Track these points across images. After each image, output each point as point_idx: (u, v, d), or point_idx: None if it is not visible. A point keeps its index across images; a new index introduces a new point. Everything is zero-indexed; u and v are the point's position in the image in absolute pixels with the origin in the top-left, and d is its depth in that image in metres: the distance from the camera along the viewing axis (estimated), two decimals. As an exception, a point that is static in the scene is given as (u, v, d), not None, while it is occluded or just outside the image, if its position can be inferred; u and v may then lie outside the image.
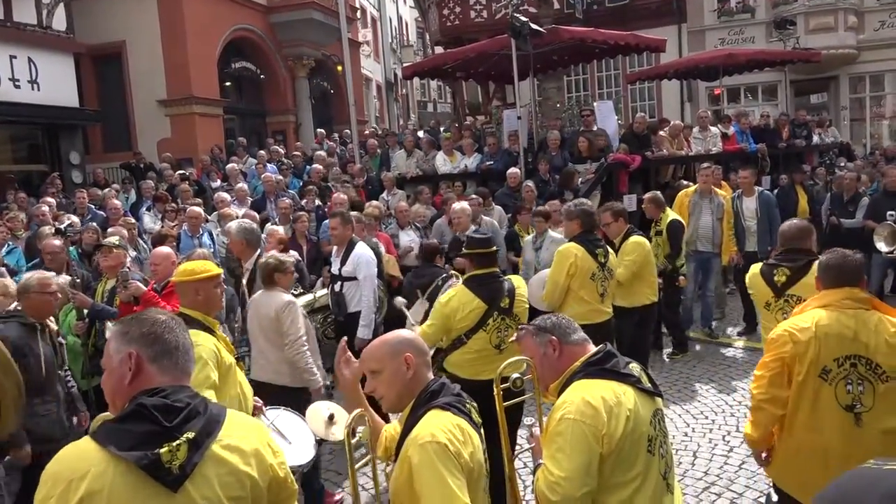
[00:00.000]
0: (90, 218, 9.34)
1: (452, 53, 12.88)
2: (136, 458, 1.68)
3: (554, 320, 2.65)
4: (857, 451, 2.75)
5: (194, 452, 1.74)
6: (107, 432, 1.74)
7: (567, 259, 5.09)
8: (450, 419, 2.15)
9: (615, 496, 2.34)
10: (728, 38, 20.77)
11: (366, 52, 27.33)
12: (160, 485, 1.69)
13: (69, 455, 1.73)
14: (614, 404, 2.34)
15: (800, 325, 2.96)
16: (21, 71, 13.13)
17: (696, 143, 11.29)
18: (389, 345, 2.32)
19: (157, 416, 1.73)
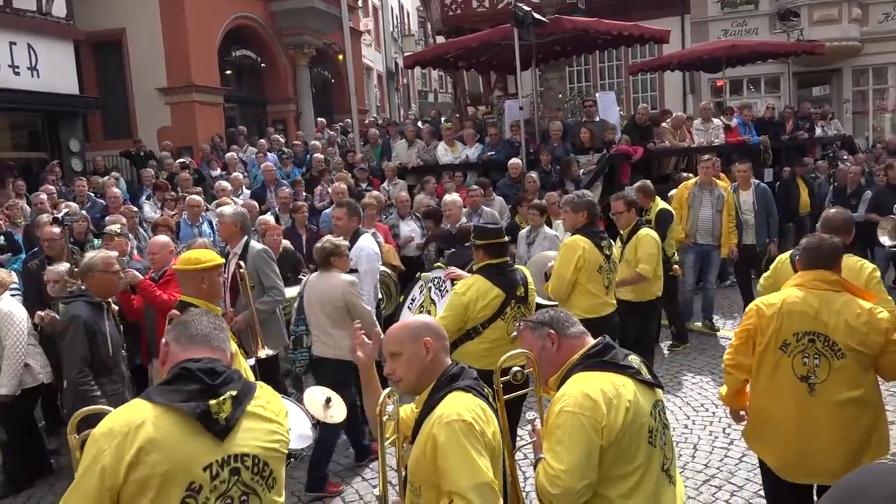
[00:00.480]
0: (90, 206, 9.31)
1: (454, 43, 12.80)
2: (190, 408, 1.87)
3: (552, 314, 2.65)
4: (810, 418, 3.08)
5: (237, 408, 1.95)
6: (158, 392, 1.93)
7: (574, 252, 4.95)
8: (472, 400, 2.24)
9: (616, 488, 2.33)
10: (731, 30, 20.67)
11: (367, 41, 27.20)
12: (209, 435, 1.88)
13: (120, 414, 1.91)
14: (613, 396, 2.33)
15: (769, 302, 3.22)
16: (21, 57, 13.06)
17: (699, 134, 11.24)
18: (409, 329, 2.42)
19: (201, 377, 1.93)
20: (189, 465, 1.84)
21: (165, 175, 11.39)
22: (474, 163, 10.73)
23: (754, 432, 3.38)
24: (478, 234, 4.32)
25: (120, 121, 16.37)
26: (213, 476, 1.87)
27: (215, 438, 1.88)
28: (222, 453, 1.89)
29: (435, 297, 5.07)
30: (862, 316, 3.03)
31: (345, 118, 16.42)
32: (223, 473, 1.88)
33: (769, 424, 3.24)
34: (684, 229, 8.09)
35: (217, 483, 1.87)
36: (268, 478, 1.98)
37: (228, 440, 1.91)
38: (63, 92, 14.02)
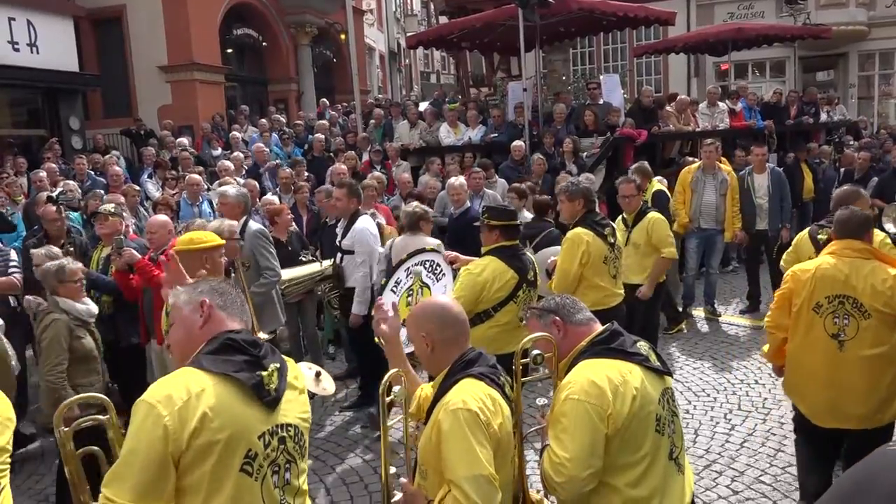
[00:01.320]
0: (90, 184, 9.26)
1: (457, 23, 12.67)
2: (247, 377, 1.93)
3: (558, 300, 2.62)
4: (839, 370, 3.46)
5: (282, 379, 2.02)
6: (210, 361, 1.94)
7: (578, 247, 4.78)
8: (483, 388, 2.20)
9: (623, 477, 2.31)
10: (737, 13, 20.48)
11: (369, 21, 26.96)
12: (260, 405, 1.93)
13: (174, 380, 1.89)
14: (620, 383, 2.30)
15: (804, 268, 3.61)
16: (20, 33, 12.94)
17: (704, 118, 11.16)
18: (415, 317, 2.42)
19: (248, 349, 1.98)
20: (247, 433, 1.89)
21: (168, 155, 11.30)
22: (477, 144, 10.65)
23: (790, 384, 3.78)
24: (493, 215, 4.23)
25: (120, 99, 16.26)
26: (266, 444, 1.92)
27: (266, 408, 1.94)
28: (271, 423, 1.95)
29: (428, 281, 4.95)
30: (887, 281, 3.36)
31: (347, 98, 16.30)
32: (273, 442, 1.94)
33: (803, 377, 3.63)
34: (687, 214, 8.04)
35: (269, 451, 1.93)
36: (303, 446, 2.06)
37: (276, 411, 1.97)
38: (63, 69, 13.92)
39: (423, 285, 4.85)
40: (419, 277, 4.82)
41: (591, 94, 11.13)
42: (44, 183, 8.54)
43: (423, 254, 5.00)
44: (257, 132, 12.83)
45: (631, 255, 5.85)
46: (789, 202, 8.34)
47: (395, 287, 4.87)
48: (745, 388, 5.96)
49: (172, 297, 2.14)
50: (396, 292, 4.82)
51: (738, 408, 5.58)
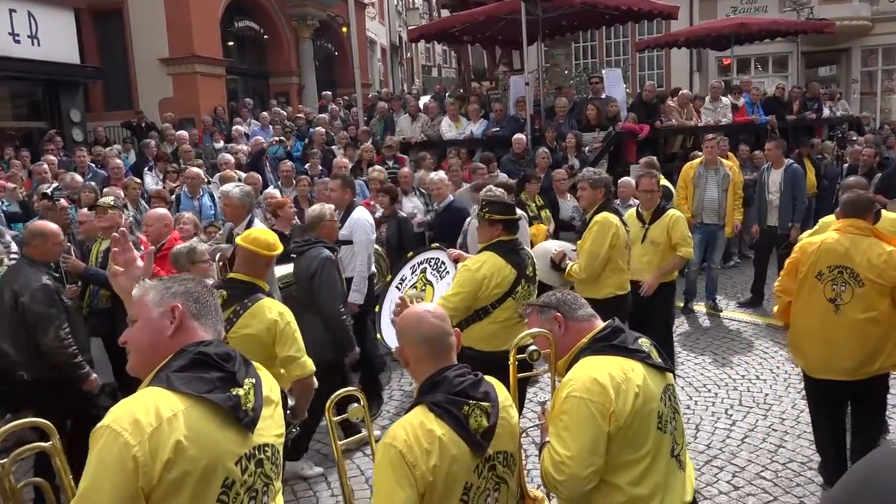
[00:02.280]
0: (91, 177, 9.24)
1: (459, 16, 12.62)
2: (222, 399, 1.74)
3: (559, 296, 2.59)
4: (834, 330, 3.95)
5: (259, 396, 1.85)
6: (178, 379, 1.74)
7: (609, 230, 4.88)
8: (425, 423, 2.02)
9: (624, 475, 2.29)
10: (740, 7, 20.43)
11: (371, 15, 26.90)
12: (237, 427, 1.76)
13: (141, 404, 1.67)
14: (622, 381, 2.27)
15: (811, 241, 4.13)
16: (21, 25, 12.90)
17: (706, 113, 11.14)
18: (397, 325, 2.32)
19: (221, 364, 1.80)
20: (224, 459, 1.71)
21: (170, 149, 11.25)
22: (479, 139, 10.62)
23: (793, 341, 4.28)
24: (494, 210, 4.10)
25: (121, 91, 16.23)
26: (244, 470, 1.76)
27: (244, 430, 1.77)
28: (249, 445, 1.78)
29: (432, 279, 4.93)
30: (882, 256, 3.83)
31: (349, 92, 16.27)
32: (251, 466, 1.78)
33: (803, 335, 4.14)
34: (690, 209, 8.03)
35: (247, 477, 1.76)
36: (278, 465, 1.90)
37: (254, 431, 1.81)
38: (64, 61, 13.87)
39: (426, 283, 4.85)
40: (424, 274, 4.82)
41: (593, 89, 11.09)
42: (46, 175, 8.52)
43: (429, 251, 5.03)
44: (259, 125, 12.80)
45: (648, 252, 5.76)
46: (804, 201, 8.22)
47: (399, 284, 4.89)
48: (746, 384, 5.96)
49: (138, 290, 1.91)
50: (401, 289, 4.83)
51: (740, 403, 5.58)
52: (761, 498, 4.22)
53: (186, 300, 1.88)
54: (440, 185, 7.17)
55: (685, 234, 5.85)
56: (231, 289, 3.48)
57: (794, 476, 4.44)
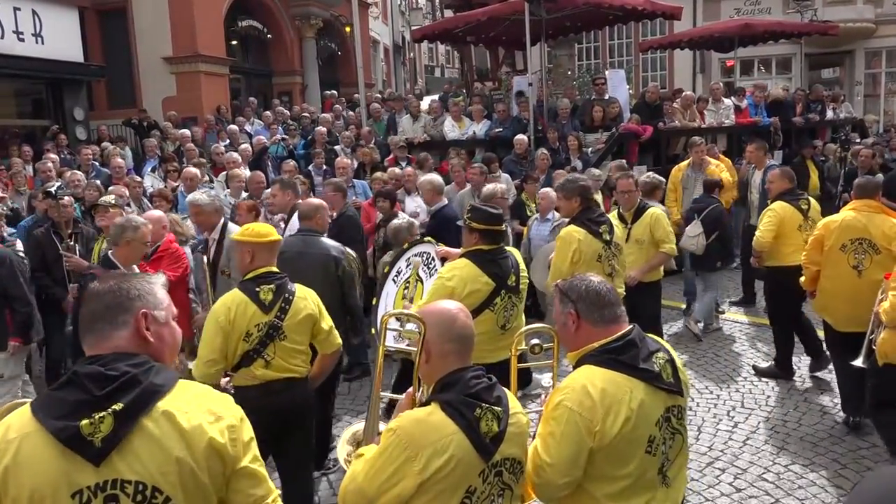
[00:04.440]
0: (94, 175, 9.25)
1: (463, 17, 12.65)
2: (57, 429, 1.63)
3: (583, 290, 2.39)
4: (857, 291, 4.79)
5: (121, 425, 1.65)
6: (43, 400, 1.71)
7: (570, 245, 4.74)
8: (435, 421, 2.02)
9: (602, 488, 2.27)
10: (744, 9, 20.41)
11: (374, 14, 26.90)
12: (82, 458, 1.64)
13: (6, 422, 1.70)
14: (614, 402, 2.22)
15: (833, 219, 5.06)
16: (25, 23, 12.91)
17: (709, 115, 11.13)
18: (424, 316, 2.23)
19: (87, 385, 1.66)
20: (57, 491, 1.62)
21: (173, 148, 11.24)
22: (482, 139, 10.62)
23: (821, 304, 5.18)
24: (477, 218, 3.93)
25: (124, 90, 16.23)
26: (83, 503, 1.64)
27: (90, 463, 1.64)
28: (98, 478, 1.64)
29: (423, 275, 4.84)
30: (893, 227, 4.79)
31: (353, 92, 16.27)
32: (95, 501, 1.64)
33: (832, 298, 5.05)
34: (679, 211, 8.09)
35: None
36: None
37: (108, 463, 1.64)
38: (67, 59, 13.89)
39: (417, 279, 4.77)
40: (416, 270, 4.77)
41: (596, 90, 11.09)
42: (50, 173, 8.53)
43: (423, 244, 4.94)
44: (262, 124, 12.81)
45: (633, 251, 5.76)
46: None
47: (396, 277, 4.81)
48: (747, 386, 5.95)
49: None
50: (397, 282, 4.76)
51: (741, 405, 5.58)
52: (763, 500, 4.21)
53: (83, 312, 1.82)
54: (429, 188, 6.90)
55: (668, 230, 5.87)
56: (273, 282, 3.52)
57: (796, 478, 4.44)
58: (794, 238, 5.78)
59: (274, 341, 3.47)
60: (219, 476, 1.77)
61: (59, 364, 5.91)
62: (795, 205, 5.91)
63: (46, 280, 5.65)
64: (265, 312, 3.45)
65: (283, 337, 3.48)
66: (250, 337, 3.43)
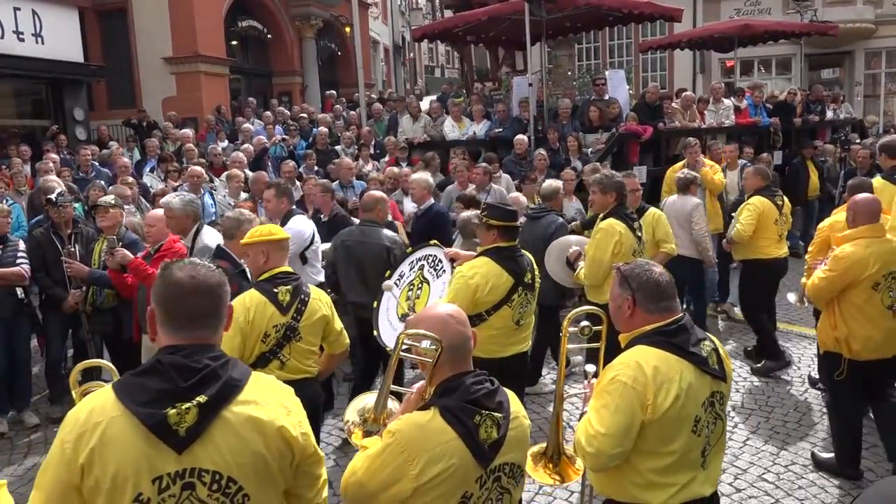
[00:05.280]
0: (94, 175, 9.26)
1: (463, 17, 12.64)
2: (145, 415, 1.70)
3: (644, 279, 2.50)
4: None
5: (205, 416, 1.73)
6: (127, 385, 1.77)
7: (612, 237, 4.77)
8: (433, 426, 2.00)
9: (648, 463, 2.40)
10: (744, 9, 20.42)
11: (374, 15, 26.91)
12: (165, 445, 1.71)
13: (90, 403, 1.77)
14: (666, 380, 2.36)
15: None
16: (25, 23, 12.91)
17: (709, 115, 11.13)
18: (415, 323, 2.20)
19: (172, 375, 1.73)
20: (139, 474, 1.69)
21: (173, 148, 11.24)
22: (482, 139, 10.62)
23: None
24: (494, 215, 4.01)
25: (124, 90, 16.24)
26: (162, 489, 1.70)
27: (173, 450, 1.71)
28: (178, 466, 1.71)
29: (429, 276, 4.85)
30: None
31: (353, 92, 16.28)
32: (173, 488, 1.70)
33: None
34: None
35: (165, 496, 1.70)
36: (233, 495, 1.76)
37: (189, 452, 1.71)
38: (68, 59, 13.89)
39: (423, 281, 4.77)
40: (421, 272, 4.77)
41: (596, 90, 11.09)
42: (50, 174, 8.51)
43: (427, 248, 4.95)
44: (262, 125, 12.80)
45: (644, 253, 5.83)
46: None
47: (398, 280, 4.81)
48: (747, 386, 5.96)
49: None
50: (399, 285, 4.76)
51: (741, 405, 5.58)
52: (763, 500, 4.22)
53: (158, 304, 1.85)
54: (417, 186, 6.82)
55: (668, 230, 5.91)
56: (288, 283, 3.52)
57: (796, 479, 4.45)
58: (769, 232, 6.11)
59: (290, 342, 3.46)
60: (287, 467, 1.86)
61: (59, 364, 5.90)
62: (772, 200, 6.16)
63: (46, 280, 5.65)
64: (283, 314, 3.44)
65: (299, 338, 3.48)
66: (268, 338, 3.42)
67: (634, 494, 2.44)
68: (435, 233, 5.78)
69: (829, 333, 4.30)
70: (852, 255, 4.11)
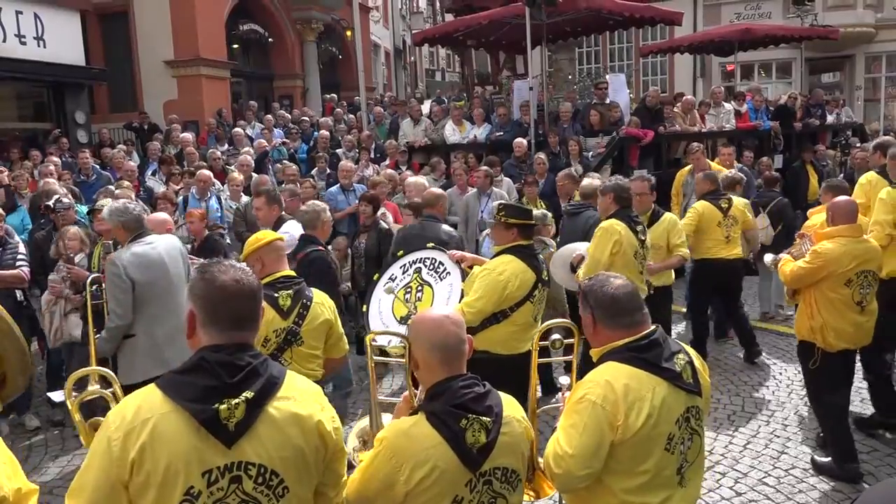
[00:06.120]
0: (95, 178, 9.27)
1: (464, 20, 12.67)
2: (196, 410, 1.74)
3: (600, 295, 2.43)
4: None
5: (252, 412, 1.79)
6: (172, 382, 1.81)
7: (611, 236, 4.80)
8: (420, 431, 2.02)
9: (621, 482, 2.32)
10: (744, 13, 20.44)
11: (375, 18, 26.94)
12: (215, 440, 1.76)
13: (135, 401, 1.80)
14: (637, 399, 2.28)
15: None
16: (27, 27, 12.94)
17: (709, 119, 11.15)
18: (410, 328, 2.23)
19: (219, 372, 1.79)
20: (189, 468, 1.73)
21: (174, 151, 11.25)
22: (482, 143, 10.64)
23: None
24: (513, 214, 4.14)
25: (126, 93, 16.26)
26: (211, 482, 1.75)
27: (222, 444, 1.76)
28: (227, 460, 1.76)
29: (429, 279, 4.81)
30: None
31: (353, 95, 16.30)
32: (222, 481, 1.76)
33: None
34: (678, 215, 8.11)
35: (214, 489, 1.75)
36: (276, 487, 1.83)
37: (236, 447, 1.77)
38: (69, 63, 13.90)
39: (422, 283, 4.73)
40: (418, 275, 4.73)
41: (598, 94, 11.11)
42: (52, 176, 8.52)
43: (422, 251, 4.91)
44: (262, 127, 12.81)
45: (648, 257, 5.79)
46: None
47: (389, 282, 4.76)
48: (748, 390, 5.96)
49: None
50: (394, 289, 4.71)
51: (742, 409, 5.58)
52: (763, 504, 4.22)
53: (199, 307, 1.88)
54: (414, 190, 6.80)
55: (682, 235, 5.90)
56: (289, 287, 3.49)
57: (796, 482, 4.44)
58: (714, 234, 6.44)
59: (291, 347, 3.45)
60: (320, 462, 1.93)
61: (60, 367, 5.90)
62: (716, 204, 6.50)
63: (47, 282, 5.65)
64: (284, 318, 3.42)
65: (300, 342, 3.46)
66: (268, 342, 3.41)
67: None
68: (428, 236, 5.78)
69: (806, 323, 4.52)
70: (830, 251, 4.34)
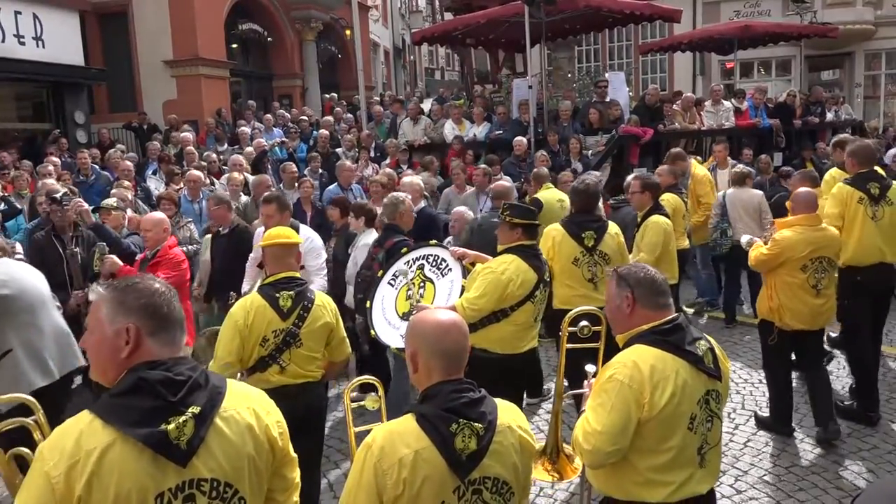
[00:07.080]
0: (94, 178, 9.27)
1: (463, 19, 12.67)
2: (144, 436, 1.66)
3: (640, 276, 2.57)
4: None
5: (201, 426, 1.73)
6: (110, 407, 1.71)
7: (545, 241, 4.89)
8: (408, 433, 1.98)
9: (646, 460, 2.45)
10: (744, 11, 20.42)
11: (374, 17, 26.92)
12: (168, 461, 1.69)
13: (72, 431, 1.69)
14: (662, 378, 2.41)
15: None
16: (26, 27, 12.93)
17: (709, 117, 11.14)
18: (411, 326, 2.18)
19: (160, 391, 1.71)
20: (142, 495, 1.66)
21: (174, 151, 11.25)
22: (482, 142, 10.63)
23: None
24: (517, 213, 4.16)
25: (125, 93, 16.25)
26: None
27: (176, 465, 1.70)
28: (179, 479, 1.70)
29: (432, 276, 4.78)
30: None
31: (353, 95, 16.30)
32: (175, 502, 1.70)
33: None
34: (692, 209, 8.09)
35: None
36: (230, 499, 1.78)
37: (190, 466, 1.71)
38: (68, 63, 13.90)
39: (425, 279, 4.71)
40: (421, 272, 4.72)
41: (598, 93, 11.10)
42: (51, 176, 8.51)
43: (426, 247, 4.91)
44: (262, 127, 12.82)
45: (635, 258, 5.67)
46: None
47: (393, 280, 4.75)
48: (748, 388, 5.96)
49: (94, 296, 1.87)
50: (395, 285, 4.70)
51: (742, 406, 5.58)
52: (764, 502, 4.22)
53: (142, 317, 1.78)
54: (410, 189, 6.75)
55: (650, 240, 5.51)
56: (291, 288, 3.51)
57: (797, 480, 4.44)
58: (678, 226, 6.54)
59: (290, 348, 3.45)
60: (269, 466, 1.92)
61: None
62: (681, 196, 6.93)
63: (47, 283, 5.64)
64: (283, 319, 3.43)
65: (299, 344, 3.47)
66: (266, 342, 3.42)
67: (633, 492, 2.48)
68: (426, 234, 5.82)
69: (766, 303, 4.90)
70: (787, 239, 4.67)
